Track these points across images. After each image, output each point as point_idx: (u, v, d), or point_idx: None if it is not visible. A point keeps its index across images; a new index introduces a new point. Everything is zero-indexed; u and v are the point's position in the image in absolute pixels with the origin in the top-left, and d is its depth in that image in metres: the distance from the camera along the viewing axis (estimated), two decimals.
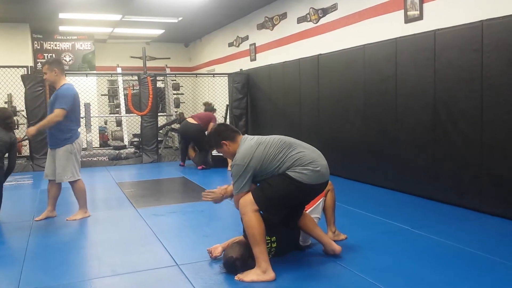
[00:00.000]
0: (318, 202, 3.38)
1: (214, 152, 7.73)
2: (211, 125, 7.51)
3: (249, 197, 2.84)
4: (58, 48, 11.28)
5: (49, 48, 11.21)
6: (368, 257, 3.19)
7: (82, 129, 8.71)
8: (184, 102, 11.08)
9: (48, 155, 4.46)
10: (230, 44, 10.70)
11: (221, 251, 3.16)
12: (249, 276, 2.78)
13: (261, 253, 2.78)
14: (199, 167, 7.69)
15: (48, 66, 4.36)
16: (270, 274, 2.77)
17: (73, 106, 4.29)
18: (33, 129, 4.39)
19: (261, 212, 2.88)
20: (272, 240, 3.04)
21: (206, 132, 7.49)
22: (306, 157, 2.90)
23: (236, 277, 2.81)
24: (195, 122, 7.69)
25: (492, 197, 4.23)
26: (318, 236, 3.17)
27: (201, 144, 7.69)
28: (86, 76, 9.71)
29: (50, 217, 4.53)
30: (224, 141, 3.03)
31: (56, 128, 4.29)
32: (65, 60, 11.31)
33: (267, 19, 8.76)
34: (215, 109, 8.16)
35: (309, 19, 7.42)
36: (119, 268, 3.10)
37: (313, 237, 3.21)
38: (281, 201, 2.89)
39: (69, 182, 4.41)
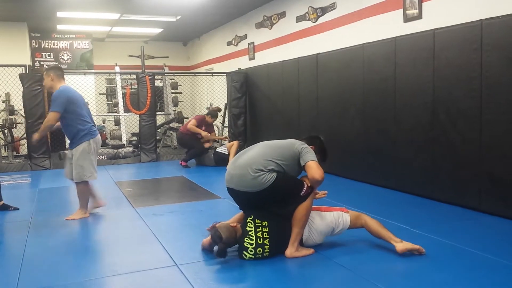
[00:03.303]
0: (338, 212, 3.33)
1: (219, 149, 7.72)
2: (191, 121, 7.75)
3: None
4: (56, 47, 11.25)
5: (47, 47, 11.17)
6: (367, 257, 3.18)
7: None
8: (182, 101, 11.07)
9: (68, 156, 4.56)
10: (229, 43, 10.69)
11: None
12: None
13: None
14: (181, 162, 7.88)
15: (45, 72, 4.49)
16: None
17: (68, 107, 4.30)
18: (35, 135, 4.54)
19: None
20: (264, 224, 3.09)
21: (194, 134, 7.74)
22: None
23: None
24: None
25: (491, 197, 4.23)
26: (291, 234, 3.19)
27: (186, 146, 8.00)
28: (84, 75, 9.69)
29: (99, 206, 4.68)
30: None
31: (66, 129, 4.44)
32: (63, 59, 11.27)
33: (265, 18, 8.75)
34: (212, 114, 8.06)
35: (308, 18, 7.41)
36: (118, 268, 3.09)
37: None
38: None
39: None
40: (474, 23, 4.29)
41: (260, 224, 3.08)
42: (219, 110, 8.45)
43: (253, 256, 3.07)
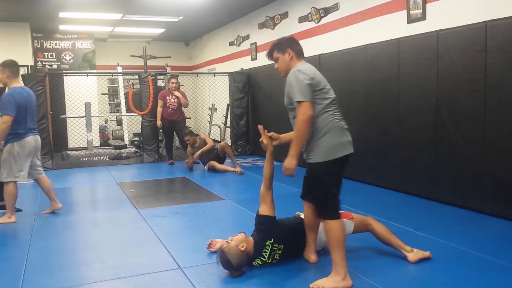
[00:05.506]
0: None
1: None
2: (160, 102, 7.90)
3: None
4: (58, 47, 11.26)
5: (49, 47, 11.18)
6: (370, 259, 3.18)
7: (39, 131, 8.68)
8: None
9: None
10: (231, 43, 10.68)
11: (218, 248, 3.24)
12: (328, 284, 2.70)
13: (341, 259, 2.73)
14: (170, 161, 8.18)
15: (1, 68, 4.44)
16: (349, 281, 2.71)
17: (18, 110, 4.29)
18: None
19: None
20: (280, 247, 3.06)
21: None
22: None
23: (312, 285, 2.72)
24: None
25: (495, 199, 4.21)
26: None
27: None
28: (87, 75, 9.70)
29: (56, 210, 4.65)
30: (290, 49, 3.05)
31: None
32: (65, 59, 11.28)
33: (268, 18, 8.74)
34: (171, 77, 8.11)
35: (310, 19, 7.40)
36: (121, 271, 3.08)
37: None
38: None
39: (4, 182, 4.41)
40: (479, 25, 4.27)
41: (276, 248, 3.06)
42: (177, 74, 8.42)
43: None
